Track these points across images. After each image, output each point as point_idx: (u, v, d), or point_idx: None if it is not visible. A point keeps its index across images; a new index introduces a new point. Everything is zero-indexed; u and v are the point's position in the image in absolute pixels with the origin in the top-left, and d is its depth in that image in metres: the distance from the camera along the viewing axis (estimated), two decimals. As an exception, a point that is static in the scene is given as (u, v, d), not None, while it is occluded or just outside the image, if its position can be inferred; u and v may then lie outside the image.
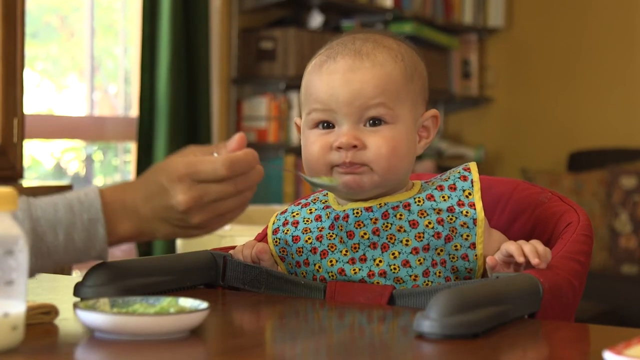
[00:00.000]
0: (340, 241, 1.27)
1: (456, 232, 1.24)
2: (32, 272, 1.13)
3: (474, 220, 1.25)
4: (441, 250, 1.24)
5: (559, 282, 1.18)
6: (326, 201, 1.33)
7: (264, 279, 1.29)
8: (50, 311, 1.05)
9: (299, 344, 1.04)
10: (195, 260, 1.30)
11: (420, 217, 1.25)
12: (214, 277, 1.30)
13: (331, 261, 1.27)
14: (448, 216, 1.25)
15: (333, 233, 1.28)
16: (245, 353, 0.97)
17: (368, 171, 1.24)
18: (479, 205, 1.26)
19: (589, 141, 4.79)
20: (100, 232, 1.12)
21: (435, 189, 1.27)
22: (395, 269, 1.24)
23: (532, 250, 1.18)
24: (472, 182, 1.27)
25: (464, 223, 1.25)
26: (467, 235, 1.24)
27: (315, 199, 1.34)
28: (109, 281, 1.16)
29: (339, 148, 1.24)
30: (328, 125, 1.27)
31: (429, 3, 4.70)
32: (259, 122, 3.98)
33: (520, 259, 1.18)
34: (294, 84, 3.98)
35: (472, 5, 4.99)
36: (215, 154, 1.13)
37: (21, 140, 2.84)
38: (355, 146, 1.24)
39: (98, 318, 0.97)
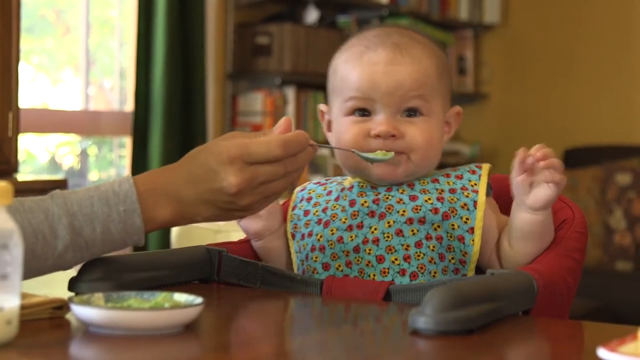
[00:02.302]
0: (342, 210, 1.30)
1: (456, 213, 1.27)
2: (70, 265, 1.14)
3: (475, 203, 1.27)
4: (438, 226, 1.26)
5: (554, 279, 1.19)
6: (342, 182, 1.36)
7: (260, 275, 1.29)
8: (62, 305, 1.05)
9: (294, 339, 1.04)
10: (190, 256, 1.30)
11: (422, 194, 1.29)
12: (209, 272, 1.30)
13: (332, 230, 1.29)
14: (449, 196, 1.28)
15: (337, 204, 1.32)
16: (240, 348, 0.97)
17: (405, 160, 1.28)
18: (482, 191, 1.29)
19: (584, 138, 4.79)
20: (137, 223, 1.13)
21: (442, 175, 1.31)
22: (388, 237, 1.26)
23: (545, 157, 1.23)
24: (479, 176, 1.31)
25: (465, 204, 1.27)
26: (467, 219, 1.26)
27: (333, 181, 1.38)
28: (104, 276, 1.16)
29: (378, 136, 1.28)
30: (364, 113, 1.30)
31: (425, -1, 4.70)
32: (254, 117, 3.97)
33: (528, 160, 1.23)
34: (290, 79, 3.98)
35: (468, 2, 4.99)
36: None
37: (16, 134, 2.84)
38: (393, 135, 1.27)
39: (92, 313, 0.97)
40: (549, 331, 1.08)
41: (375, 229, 1.27)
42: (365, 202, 1.30)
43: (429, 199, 1.28)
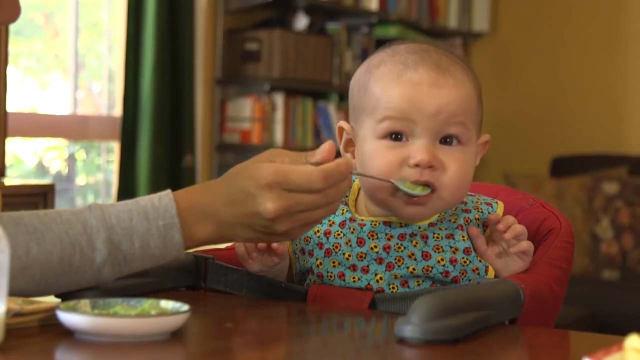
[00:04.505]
0: (347, 243, 1.25)
1: (465, 275, 1.23)
2: (108, 280, 1.12)
3: (486, 268, 1.24)
4: (444, 283, 1.24)
5: (540, 288, 1.19)
6: (347, 196, 1.30)
7: (245, 282, 1.28)
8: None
9: (279, 347, 1.04)
10: (177, 262, 1.29)
11: (435, 252, 1.23)
12: (195, 279, 1.30)
13: (334, 262, 1.25)
14: (462, 258, 1.23)
15: (342, 232, 1.26)
16: (226, 356, 0.97)
17: (436, 198, 1.21)
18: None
19: (571, 146, 4.81)
20: (176, 238, 1.11)
21: (457, 227, 1.25)
22: (393, 288, 1.23)
23: (514, 232, 1.22)
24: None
25: (476, 268, 1.23)
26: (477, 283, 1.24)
27: None
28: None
29: (416, 166, 1.19)
30: (397, 137, 1.22)
31: (414, 6, 4.71)
32: (243, 123, 3.97)
33: (506, 236, 1.22)
34: (279, 85, 3.98)
35: (457, 10, 5.01)
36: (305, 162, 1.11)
37: (3, 138, 2.83)
38: (431, 166, 1.20)
39: (79, 319, 0.97)
40: (535, 340, 1.09)
41: (381, 278, 1.23)
42: (376, 246, 1.23)
43: (442, 259, 1.22)
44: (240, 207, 1.11)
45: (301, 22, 4.13)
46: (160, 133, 3.56)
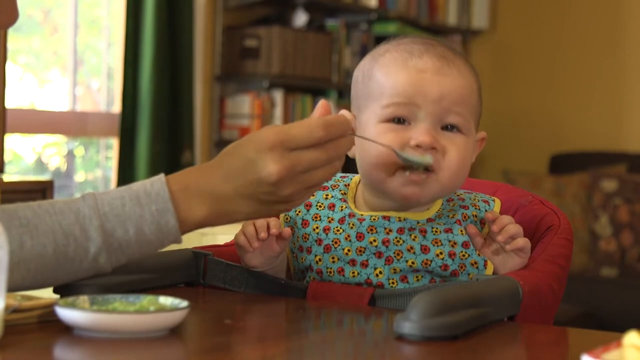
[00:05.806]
0: (346, 238, 1.25)
1: (465, 269, 1.23)
2: (106, 268, 1.11)
3: (485, 262, 1.24)
4: (444, 277, 1.24)
5: (539, 285, 1.19)
6: (345, 193, 1.30)
7: (245, 278, 1.28)
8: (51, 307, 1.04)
9: (279, 344, 1.04)
10: (176, 259, 1.29)
11: (434, 245, 1.23)
12: (194, 275, 1.30)
13: (333, 257, 1.25)
14: (461, 252, 1.24)
15: (341, 228, 1.26)
16: (225, 352, 0.97)
17: (433, 181, 1.22)
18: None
19: (570, 144, 4.81)
20: (171, 222, 1.09)
21: (455, 222, 1.25)
22: (393, 282, 1.23)
23: (507, 234, 1.21)
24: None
25: (475, 262, 1.24)
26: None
27: (335, 185, 1.31)
28: (89, 278, 1.16)
29: (418, 147, 1.21)
30: (400, 120, 1.23)
31: (414, 3, 4.71)
32: (242, 119, 3.97)
33: (499, 238, 1.21)
34: (278, 82, 3.98)
35: (456, 7, 5.01)
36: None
37: (2, 135, 2.83)
38: (434, 148, 1.21)
39: (77, 315, 0.97)
40: (533, 337, 1.09)
41: (380, 272, 1.23)
42: (375, 240, 1.24)
43: (441, 253, 1.23)
44: (241, 177, 1.08)
45: (300, 18, 4.13)
46: (159, 130, 3.56)
